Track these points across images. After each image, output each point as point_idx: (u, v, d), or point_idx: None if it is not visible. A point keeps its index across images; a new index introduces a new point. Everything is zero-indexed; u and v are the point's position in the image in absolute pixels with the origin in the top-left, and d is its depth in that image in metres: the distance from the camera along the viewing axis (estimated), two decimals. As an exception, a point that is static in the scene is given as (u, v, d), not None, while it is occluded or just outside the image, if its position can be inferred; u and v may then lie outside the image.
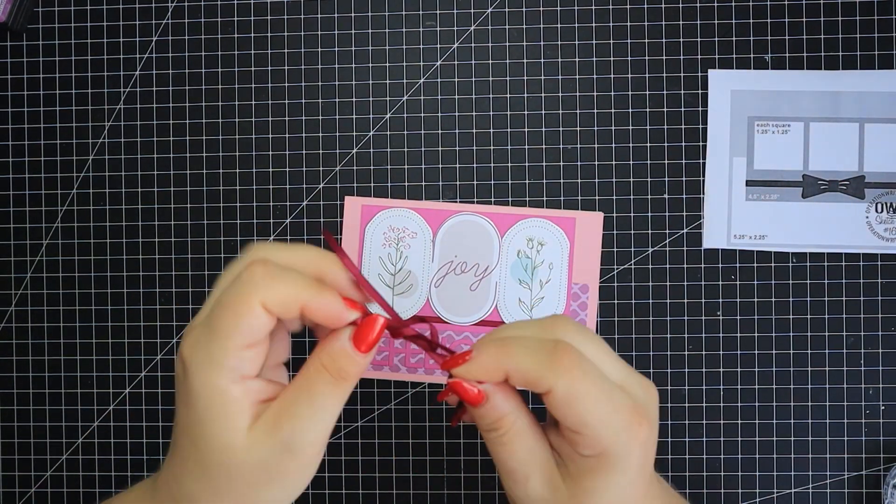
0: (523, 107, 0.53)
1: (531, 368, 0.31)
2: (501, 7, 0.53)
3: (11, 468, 0.55)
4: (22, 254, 0.54)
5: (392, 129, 0.53)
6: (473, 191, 0.53)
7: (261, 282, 0.30)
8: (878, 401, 0.51)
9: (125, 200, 0.54)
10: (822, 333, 0.52)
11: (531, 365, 0.31)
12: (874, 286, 0.51)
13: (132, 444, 0.54)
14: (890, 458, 0.51)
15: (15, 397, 0.55)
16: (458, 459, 0.53)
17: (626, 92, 0.52)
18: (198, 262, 0.54)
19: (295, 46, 0.53)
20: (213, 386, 0.30)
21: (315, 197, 0.53)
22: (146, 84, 0.54)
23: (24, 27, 0.54)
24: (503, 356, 0.31)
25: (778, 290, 0.52)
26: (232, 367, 0.30)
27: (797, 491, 0.51)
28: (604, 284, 0.52)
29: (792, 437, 0.52)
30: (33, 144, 0.54)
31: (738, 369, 0.52)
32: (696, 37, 0.52)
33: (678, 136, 0.52)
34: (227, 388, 0.30)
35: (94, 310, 0.54)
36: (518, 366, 0.31)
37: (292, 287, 0.30)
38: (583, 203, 0.52)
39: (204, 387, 0.30)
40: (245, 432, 0.30)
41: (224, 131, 0.54)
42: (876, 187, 0.51)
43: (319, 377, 0.31)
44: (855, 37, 0.51)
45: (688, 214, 0.52)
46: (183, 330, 0.32)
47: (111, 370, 0.54)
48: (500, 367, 0.31)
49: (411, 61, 0.53)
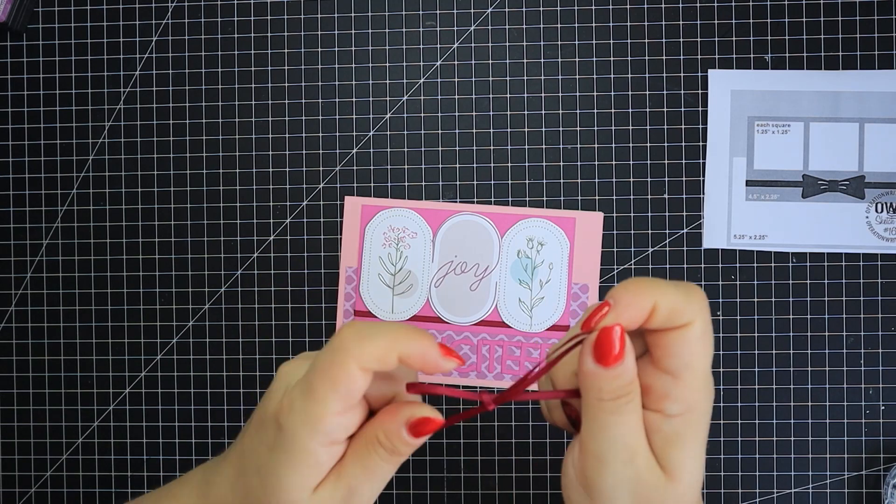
0: (523, 107, 0.53)
1: (679, 298, 0.31)
2: (501, 7, 0.53)
3: (11, 468, 0.55)
4: (22, 254, 0.54)
5: (392, 129, 0.53)
6: (473, 191, 0.53)
7: (353, 344, 0.31)
8: (878, 401, 0.51)
9: (125, 200, 0.54)
10: (822, 333, 0.52)
11: (678, 295, 0.31)
12: (874, 286, 0.51)
13: (132, 444, 0.54)
14: (890, 458, 0.51)
15: (15, 397, 0.55)
16: (458, 459, 0.53)
17: (626, 92, 0.52)
18: (198, 262, 0.54)
19: (295, 46, 0.53)
20: (304, 447, 0.31)
21: (315, 197, 0.53)
22: (146, 84, 0.54)
23: (24, 27, 0.54)
24: (651, 286, 0.31)
25: (778, 290, 0.52)
26: (326, 431, 0.31)
27: (797, 491, 0.51)
28: (604, 284, 0.52)
29: (792, 437, 0.52)
30: (33, 144, 0.54)
31: (738, 369, 0.52)
32: (696, 37, 0.52)
33: (678, 136, 0.52)
34: (316, 450, 0.31)
35: (94, 310, 0.54)
36: (665, 294, 0.30)
37: (386, 339, 0.31)
38: (583, 203, 0.52)
39: (295, 446, 0.32)
40: (311, 491, 0.32)
41: (224, 131, 0.54)
42: (876, 187, 0.51)
43: (374, 451, 0.33)
44: (855, 37, 0.51)
45: (688, 214, 0.52)
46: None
47: (111, 370, 0.54)
48: (649, 297, 0.30)
49: (411, 61, 0.53)
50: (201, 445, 0.54)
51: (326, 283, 0.53)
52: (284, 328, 0.53)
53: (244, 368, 0.53)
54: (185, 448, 0.54)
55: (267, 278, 0.53)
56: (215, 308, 0.54)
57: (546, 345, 0.52)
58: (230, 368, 0.53)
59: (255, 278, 0.53)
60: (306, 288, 0.53)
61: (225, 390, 0.54)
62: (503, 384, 0.52)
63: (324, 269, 0.53)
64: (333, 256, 0.53)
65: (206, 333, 0.54)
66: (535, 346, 0.52)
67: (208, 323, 0.54)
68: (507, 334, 0.52)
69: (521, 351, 0.52)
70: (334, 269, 0.53)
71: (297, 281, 0.53)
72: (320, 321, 0.53)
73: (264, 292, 0.53)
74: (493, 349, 0.52)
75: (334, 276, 0.53)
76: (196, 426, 0.54)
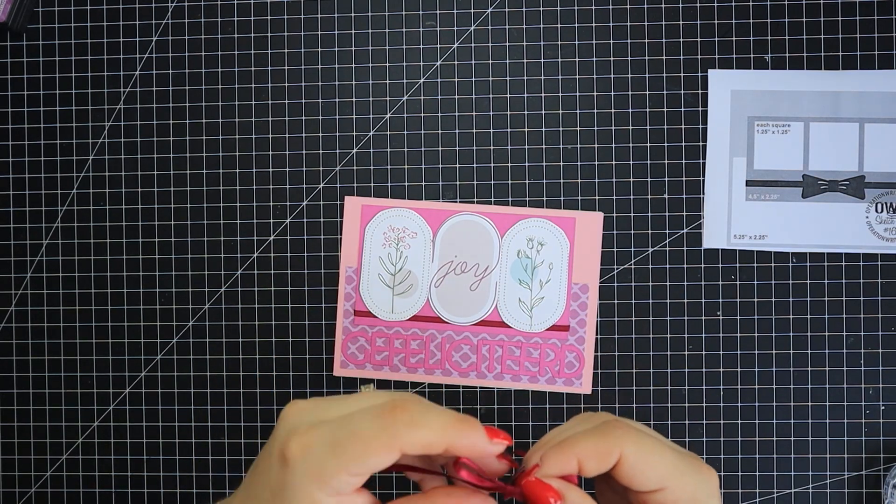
0: (523, 107, 0.53)
1: (597, 444, 0.32)
2: (501, 7, 0.53)
3: (11, 468, 0.55)
4: (22, 254, 0.54)
5: (392, 129, 0.53)
6: (473, 191, 0.53)
7: (404, 430, 0.30)
8: (878, 401, 0.51)
9: (125, 200, 0.54)
10: (822, 333, 0.52)
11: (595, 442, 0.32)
12: (874, 286, 0.51)
13: (132, 444, 0.54)
14: (890, 458, 0.51)
15: (15, 397, 0.55)
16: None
17: (626, 92, 0.52)
18: (198, 262, 0.54)
19: (295, 46, 0.53)
20: (311, 497, 0.30)
21: (315, 197, 0.53)
22: (146, 84, 0.54)
23: (24, 27, 0.54)
24: (569, 446, 0.33)
25: (778, 290, 0.52)
26: (336, 486, 0.30)
27: (797, 491, 0.51)
28: (604, 284, 0.52)
29: (792, 437, 0.52)
30: (33, 144, 0.54)
31: (738, 369, 0.52)
32: (696, 37, 0.52)
33: (678, 136, 0.52)
34: (322, 500, 0.30)
35: (94, 310, 0.54)
36: (584, 448, 0.32)
37: (436, 432, 0.31)
38: (583, 203, 0.52)
39: (301, 493, 0.30)
40: None
41: (224, 131, 0.54)
42: (876, 187, 0.51)
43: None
44: (855, 37, 0.51)
45: (688, 214, 0.52)
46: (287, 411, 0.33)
47: (111, 370, 0.54)
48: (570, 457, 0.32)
49: (411, 61, 0.53)
50: (201, 445, 0.54)
51: (326, 283, 0.53)
52: (284, 328, 0.53)
53: (244, 368, 0.53)
54: (185, 448, 0.54)
55: (267, 278, 0.53)
56: (215, 308, 0.54)
57: (546, 345, 0.52)
58: (230, 368, 0.53)
59: (255, 278, 0.53)
60: (306, 288, 0.53)
61: (225, 390, 0.54)
62: (503, 384, 0.52)
63: (324, 269, 0.53)
64: (333, 256, 0.53)
65: (206, 333, 0.54)
66: (536, 346, 0.52)
67: (208, 323, 0.54)
68: (507, 334, 0.52)
69: (521, 351, 0.52)
70: (334, 269, 0.53)
71: (297, 281, 0.53)
72: (320, 321, 0.53)
73: (264, 292, 0.53)
74: (493, 349, 0.52)
75: (334, 276, 0.53)
76: (196, 426, 0.54)
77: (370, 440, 0.30)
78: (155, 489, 0.54)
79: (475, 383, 0.53)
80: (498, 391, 0.53)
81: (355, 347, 0.53)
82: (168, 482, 0.54)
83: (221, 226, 0.54)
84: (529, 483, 0.33)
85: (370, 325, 0.53)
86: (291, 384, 0.53)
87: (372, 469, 0.30)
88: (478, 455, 0.32)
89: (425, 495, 0.33)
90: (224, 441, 0.53)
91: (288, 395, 0.53)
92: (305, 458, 0.30)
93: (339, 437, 0.30)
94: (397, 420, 0.30)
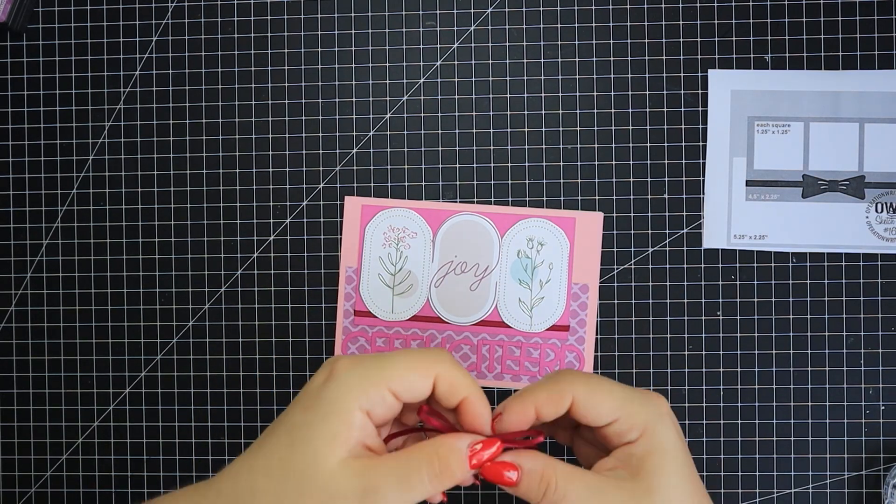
0: (523, 107, 0.53)
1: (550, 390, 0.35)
2: (501, 7, 0.53)
3: (11, 468, 0.55)
4: (22, 254, 0.54)
5: (392, 129, 0.53)
6: (473, 191, 0.53)
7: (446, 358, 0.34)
8: (878, 401, 0.51)
9: (125, 200, 0.54)
10: (822, 333, 0.52)
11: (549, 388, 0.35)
12: (874, 286, 0.51)
13: (132, 444, 0.54)
14: (890, 458, 0.51)
15: (15, 397, 0.55)
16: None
17: (626, 92, 0.52)
18: (198, 262, 0.54)
19: (295, 46, 0.53)
20: (345, 404, 0.32)
21: (315, 197, 0.53)
22: (146, 84, 0.54)
23: (24, 27, 0.54)
24: (527, 394, 0.36)
25: (778, 290, 0.52)
26: (372, 401, 0.33)
27: (797, 491, 0.51)
28: (604, 284, 0.52)
29: (792, 437, 0.52)
30: (33, 144, 0.54)
31: (738, 369, 0.52)
32: (696, 37, 0.52)
33: (678, 136, 0.52)
34: (354, 412, 0.32)
35: (94, 310, 0.54)
36: (539, 396, 0.35)
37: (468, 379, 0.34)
38: (583, 203, 0.52)
39: (337, 400, 0.32)
40: (338, 460, 0.32)
41: (224, 131, 0.54)
42: (876, 187, 0.51)
43: (420, 470, 0.33)
44: (855, 37, 0.51)
45: (688, 214, 0.52)
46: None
47: (111, 370, 0.54)
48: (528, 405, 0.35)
49: (411, 61, 0.53)
50: (201, 445, 0.54)
51: (326, 283, 0.53)
52: (284, 328, 0.53)
53: (244, 368, 0.53)
54: (185, 448, 0.54)
55: (267, 278, 0.53)
56: (215, 308, 0.54)
57: (546, 345, 0.52)
58: (230, 368, 0.53)
59: (255, 278, 0.53)
60: (306, 288, 0.53)
61: (225, 390, 0.54)
62: (503, 384, 0.52)
63: (324, 269, 0.53)
64: (333, 256, 0.53)
65: (206, 333, 0.54)
66: (536, 346, 0.52)
67: (208, 323, 0.54)
68: (507, 334, 0.52)
69: (521, 351, 0.52)
70: (334, 269, 0.53)
71: (297, 281, 0.53)
72: (320, 321, 0.53)
73: (264, 292, 0.53)
74: (493, 349, 0.52)
75: (334, 276, 0.53)
76: (196, 426, 0.54)
77: (413, 362, 0.33)
78: (155, 489, 0.54)
79: (475, 383, 0.53)
80: (498, 391, 0.53)
81: (355, 347, 0.53)
82: (168, 482, 0.54)
83: (221, 226, 0.54)
84: (485, 468, 0.34)
85: (370, 326, 0.53)
86: (291, 384, 0.53)
87: (409, 391, 0.33)
88: (480, 424, 0.35)
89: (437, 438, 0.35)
90: (224, 441, 0.53)
91: (288, 395, 0.53)
92: (350, 370, 0.33)
93: (385, 359, 0.34)
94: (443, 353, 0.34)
